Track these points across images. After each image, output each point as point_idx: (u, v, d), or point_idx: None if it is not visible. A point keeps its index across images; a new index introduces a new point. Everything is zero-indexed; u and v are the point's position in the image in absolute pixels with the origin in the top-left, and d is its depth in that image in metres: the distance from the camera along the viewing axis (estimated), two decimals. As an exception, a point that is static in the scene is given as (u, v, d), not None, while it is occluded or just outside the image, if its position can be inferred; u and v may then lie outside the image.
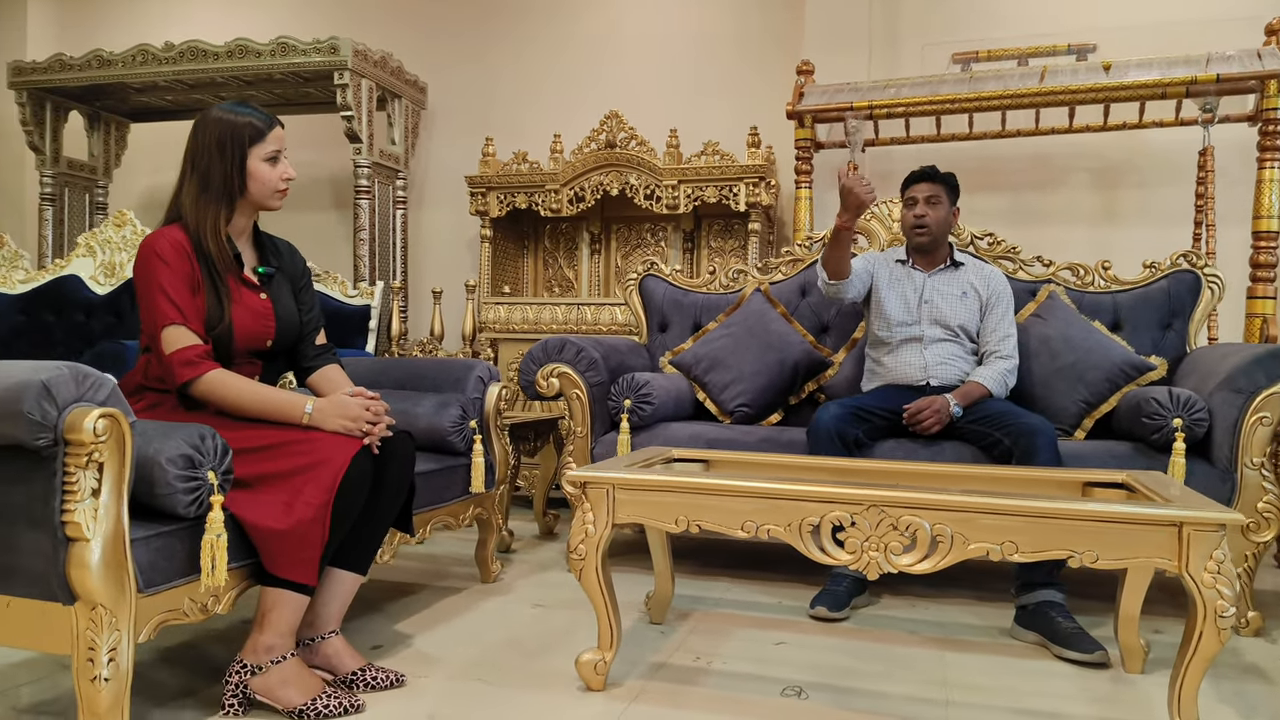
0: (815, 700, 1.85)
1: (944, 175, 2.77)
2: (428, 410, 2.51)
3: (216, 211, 1.90)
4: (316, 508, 1.73)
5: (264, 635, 1.73)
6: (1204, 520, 1.54)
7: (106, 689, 1.43)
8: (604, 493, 1.86)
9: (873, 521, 1.71)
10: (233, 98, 5.04)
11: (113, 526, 1.44)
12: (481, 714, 1.76)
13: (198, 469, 1.58)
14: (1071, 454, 2.47)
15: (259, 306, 1.97)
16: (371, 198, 4.58)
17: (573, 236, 4.95)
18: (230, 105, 1.95)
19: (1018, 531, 1.64)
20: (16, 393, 1.36)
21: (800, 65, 4.10)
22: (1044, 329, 2.85)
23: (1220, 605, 1.54)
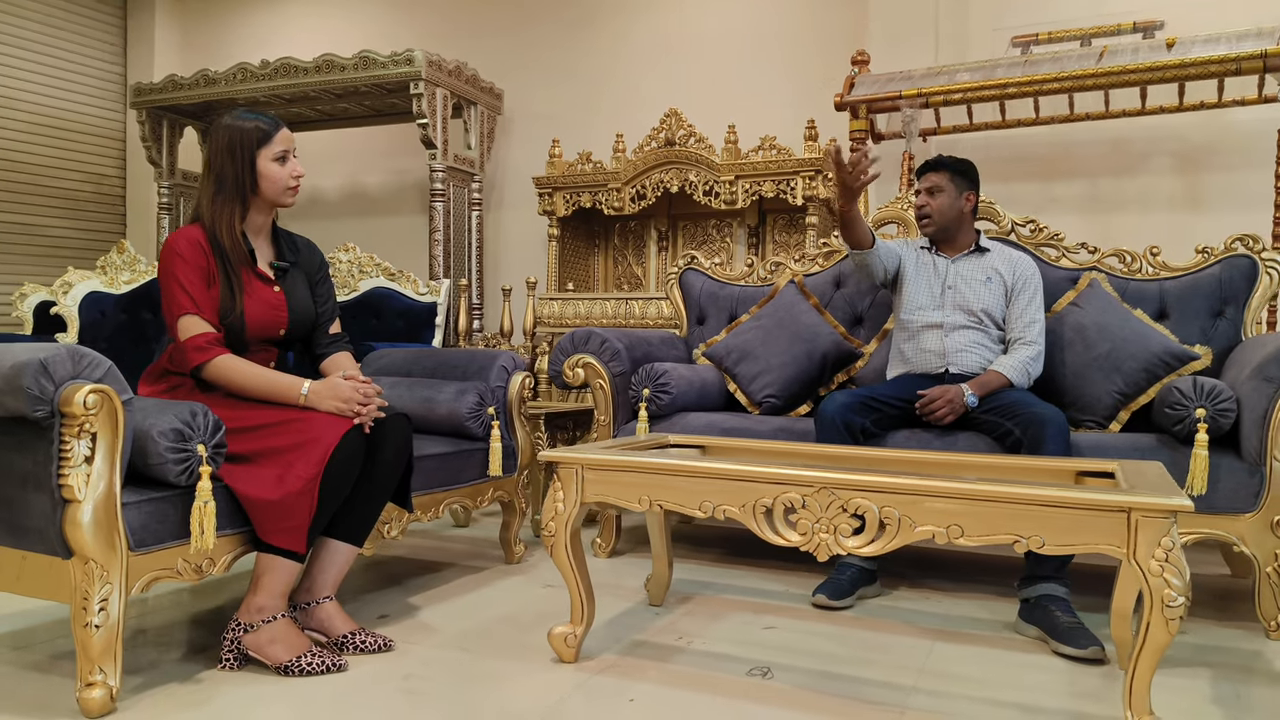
0: (778, 681, 1.88)
1: (951, 163, 2.73)
2: (448, 397, 2.64)
3: (230, 210, 2.08)
4: (305, 481, 1.87)
5: (257, 597, 1.89)
6: (1152, 506, 1.49)
7: (98, 635, 1.61)
8: (573, 473, 1.94)
9: (823, 503, 1.73)
10: (325, 110, 5.38)
11: (104, 490, 1.62)
12: (452, 678, 1.86)
13: (187, 442, 1.75)
14: (1092, 446, 2.38)
15: (272, 298, 2.14)
16: (446, 200, 4.80)
17: (640, 234, 5.04)
18: (241, 113, 2.13)
19: (963, 515, 1.63)
20: (19, 370, 1.55)
21: (855, 55, 4.06)
22: (1079, 317, 2.75)
23: (1168, 594, 1.48)
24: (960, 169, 2.73)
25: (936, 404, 2.49)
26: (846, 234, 2.67)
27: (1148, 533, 1.50)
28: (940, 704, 1.77)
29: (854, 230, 2.64)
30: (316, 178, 6.08)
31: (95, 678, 1.62)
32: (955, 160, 2.75)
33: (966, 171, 2.74)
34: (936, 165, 2.74)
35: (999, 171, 4.32)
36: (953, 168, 2.73)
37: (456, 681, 1.84)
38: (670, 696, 1.78)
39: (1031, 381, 2.62)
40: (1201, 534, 2.26)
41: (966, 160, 2.78)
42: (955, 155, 2.84)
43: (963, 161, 2.76)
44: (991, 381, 2.55)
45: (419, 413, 2.66)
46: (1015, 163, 4.31)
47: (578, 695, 1.78)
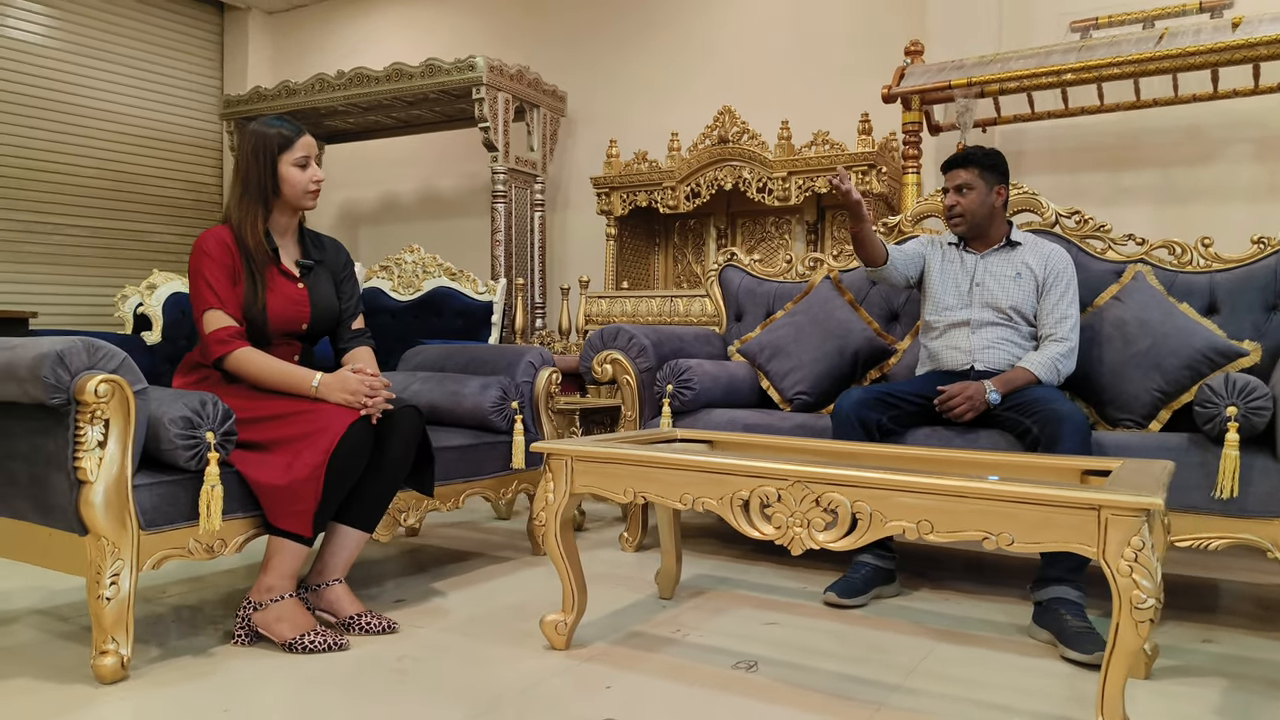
0: (762, 674, 1.88)
1: (980, 157, 2.64)
2: (473, 391, 2.72)
3: (254, 211, 2.20)
4: (312, 468, 1.97)
5: (266, 577, 2.00)
6: (1122, 504, 1.44)
7: (110, 607, 1.74)
8: (564, 464, 1.98)
9: (797, 497, 1.72)
10: (399, 117, 5.58)
11: (116, 472, 1.75)
12: (444, 660, 1.93)
13: (196, 429, 1.87)
14: (1118, 445, 2.29)
15: (295, 295, 2.25)
16: (507, 201, 4.92)
17: (699, 232, 5.05)
18: (267, 120, 2.25)
19: (933, 511, 1.60)
20: (39, 361, 1.70)
21: (909, 45, 3.98)
22: (1120, 312, 2.64)
23: (1137, 596, 1.43)
24: (989, 162, 2.64)
25: (955, 400, 2.43)
26: (859, 252, 2.65)
27: (1117, 531, 1.45)
28: (919, 703, 1.74)
29: (865, 248, 2.63)
30: (393, 182, 6.32)
31: (108, 647, 1.75)
32: (983, 153, 2.67)
33: (996, 164, 2.66)
34: (965, 161, 2.66)
35: (1066, 162, 4.17)
36: (981, 162, 2.64)
37: (447, 664, 1.91)
38: (647, 685, 1.81)
39: (1062, 379, 2.53)
40: (1232, 539, 2.15)
41: (995, 152, 2.69)
42: (984, 146, 2.76)
43: (991, 154, 2.67)
44: (1017, 378, 2.47)
45: (446, 406, 2.76)
46: (1083, 152, 4.14)
47: (556, 680, 1.82)
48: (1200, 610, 2.41)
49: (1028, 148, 4.25)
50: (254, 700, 1.71)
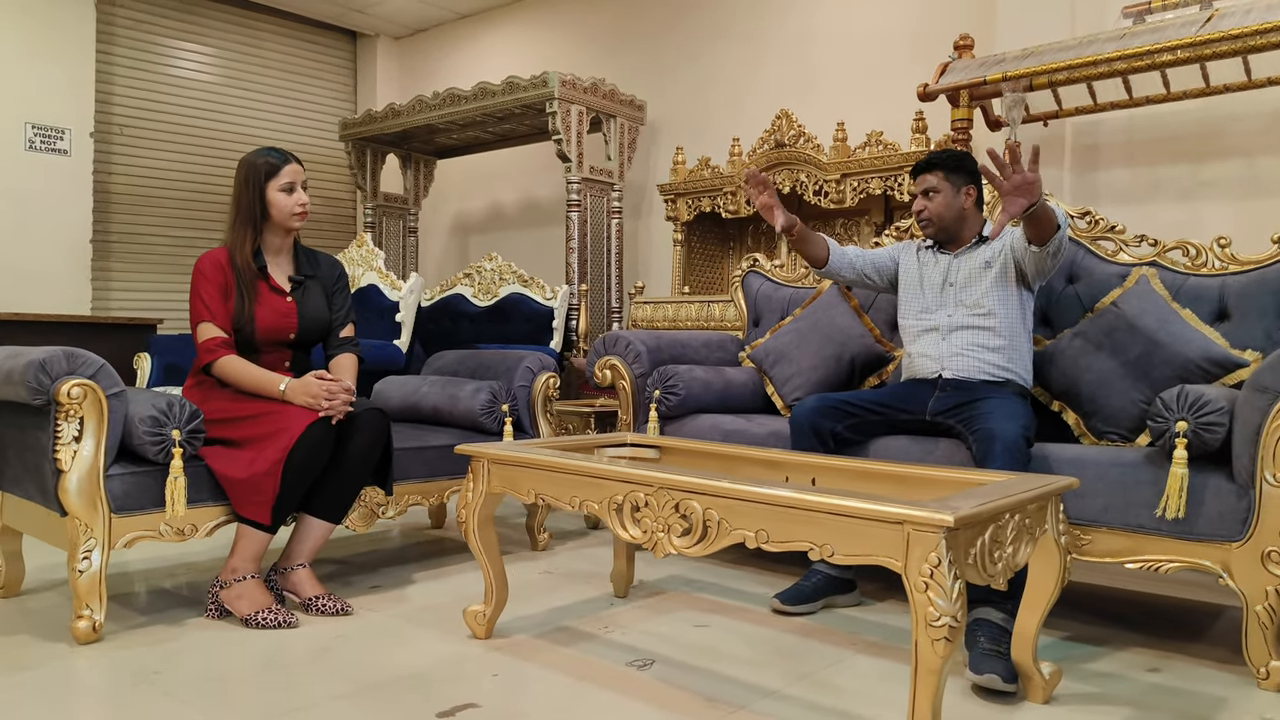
0: (650, 672, 1.94)
1: (945, 160, 2.56)
2: (466, 394, 2.91)
3: (244, 234, 2.47)
4: (271, 464, 2.22)
5: (232, 559, 2.26)
6: (922, 520, 1.43)
7: (83, 579, 2.04)
8: (482, 465, 2.13)
9: (660, 503, 1.79)
10: (496, 132, 5.89)
11: (89, 464, 2.05)
12: (372, 642, 2.12)
13: (163, 428, 2.14)
14: (1069, 460, 2.19)
15: (282, 308, 2.51)
16: (581, 210, 5.10)
17: (771, 234, 5.04)
18: (258, 150, 2.52)
19: (769, 521, 1.63)
20: (26, 367, 2.01)
21: (958, 40, 3.84)
22: (1113, 320, 2.49)
23: (929, 613, 1.41)
24: (954, 164, 2.57)
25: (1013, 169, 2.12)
26: (800, 250, 2.65)
27: (918, 547, 1.43)
28: (783, 709, 1.76)
29: (804, 249, 2.63)
30: (498, 193, 6.66)
31: (83, 612, 2.05)
32: (949, 156, 2.60)
33: (962, 165, 2.57)
34: (928, 165, 2.59)
35: (1143, 154, 3.90)
36: (947, 164, 2.57)
37: (372, 645, 2.10)
38: (531, 676, 1.92)
39: (1064, 230, 2.31)
40: (1182, 562, 2.00)
41: (961, 152, 2.63)
42: (952, 149, 2.67)
43: (956, 155, 2.60)
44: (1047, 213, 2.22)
45: (445, 408, 2.96)
46: (1161, 143, 3.85)
47: (451, 666, 1.97)
48: (1160, 636, 2.25)
49: (1102, 140, 4.00)
50: (183, 665, 1.95)
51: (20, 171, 5.52)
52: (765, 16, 5.14)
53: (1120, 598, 2.64)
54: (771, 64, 5.08)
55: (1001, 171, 2.15)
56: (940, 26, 4.40)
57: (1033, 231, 2.28)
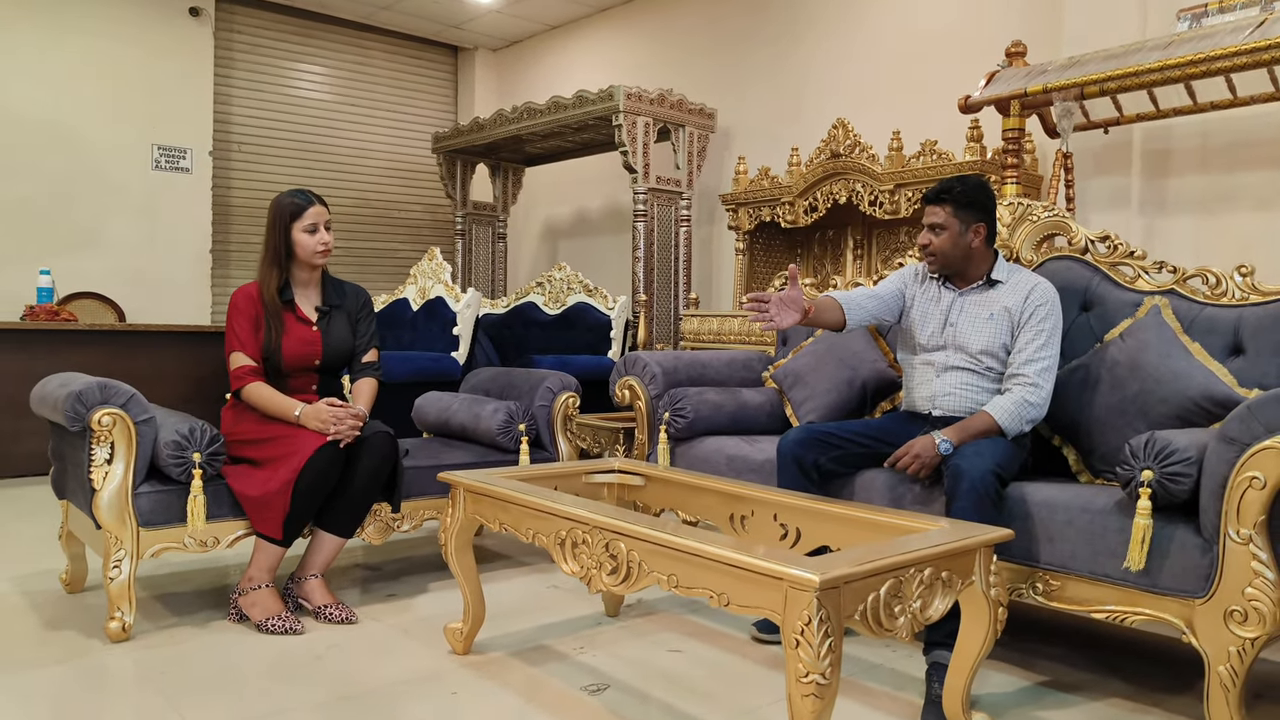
0: (603, 698, 2.04)
1: (957, 194, 2.44)
2: (487, 414, 3.07)
3: (271, 271, 2.70)
4: (281, 483, 2.43)
5: (250, 569, 2.49)
6: (797, 579, 1.46)
7: (114, 584, 2.31)
8: (459, 493, 2.27)
9: (595, 541, 1.88)
10: (576, 141, 6.04)
11: (119, 483, 2.31)
12: (362, 651, 2.30)
13: (184, 450, 2.39)
14: (1042, 502, 2.13)
15: (308, 336, 2.73)
16: (647, 220, 5.19)
17: (837, 243, 5.01)
18: (287, 192, 2.73)
19: (678, 567, 1.70)
20: (64, 399, 2.29)
21: (1010, 46, 3.71)
22: (1116, 353, 2.39)
23: (798, 668, 1.45)
24: (965, 199, 2.45)
25: (903, 460, 2.32)
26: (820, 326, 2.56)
27: (793, 604, 1.47)
28: (702, 746, 1.83)
29: (822, 324, 2.51)
30: (583, 199, 6.83)
31: (115, 614, 2.32)
32: (962, 190, 2.46)
33: (974, 201, 2.46)
34: (938, 198, 2.48)
35: (1219, 160, 3.67)
36: (958, 199, 2.45)
37: (357, 655, 2.28)
38: (491, 696, 2.05)
39: (1028, 427, 2.35)
40: (1146, 615, 1.93)
41: (978, 185, 2.49)
42: (967, 175, 2.55)
43: (973, 189, 2.47)
44: (975, 425, 2.32)
45: (469, 426, 3.13)
46: (1240, 148, 3.62)
47: (422, 681, 2.12)
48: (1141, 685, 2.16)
49: (1175, 145, 3.78)
50: (189, 666, 2.18)
51: (149, 189, 6.08)
52: (833, 25, 5.08)
53: (1114, 637, 2.54)
54: (836, 72, 5.02)
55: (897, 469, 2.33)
56: (1004, 32, 4.24)
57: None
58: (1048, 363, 2.36)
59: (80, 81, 5.80)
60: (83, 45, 5.79)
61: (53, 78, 5.70)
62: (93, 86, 5.85)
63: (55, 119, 5.72)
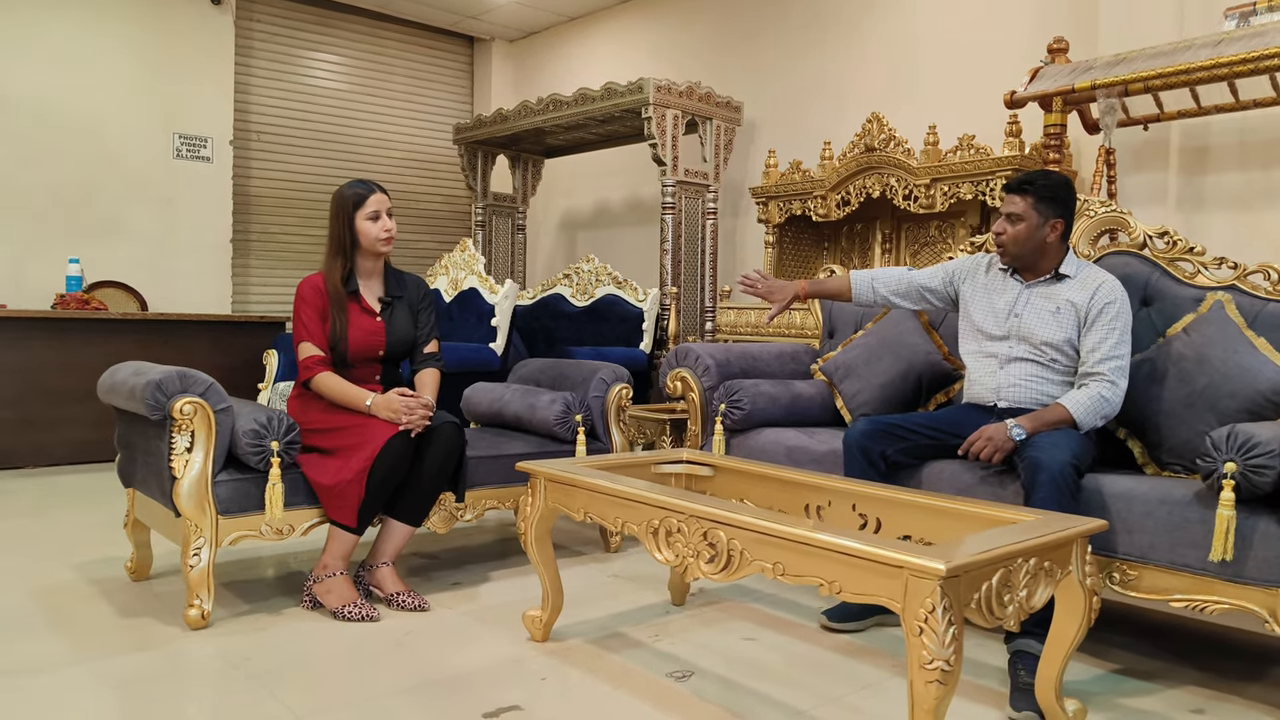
0: (689, 685, 2.07)
1: (1038, 188, 2.46)
2: (543, 404, 3.09)
3: (336, 262, 2.71)
4: (356, 472, 2.45)
5: (324, 556, 2.51)
6: (920, 567, 1.49)
7: (194, 572, 2.32)
8: (539, 482, 2.29)
9: (691, 530, 1.90)
10: (600, 133, 6.05)
11: (199, 471, 2.33)
12: (440, 638, 2.32)
13: (262, 439, 2.40)
14: (1121, 494, 2.17)
15: (372, 327, 2.74)
16: (675, 212, 5.21)
17: (865, 236, 5.04)
18: (348, 183, 2.74)
19: (785, 555, 1.72)
20: (144, 387, 2.30)
21: (1051, 43, 3.75)
22: (1182, 348, 2.43)
23: (922, 655, 1.48)
24: (1048, 193, 2.47)
25: (976, 445, 2.36)
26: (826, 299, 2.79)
27: (915, 592, 1.50)
28: (801, 731, 1.86)
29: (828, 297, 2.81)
30: (604, 191, 6.84)
31: (195, 602, 2.34)
32: (1045, 183, 2.48)
33: (1056, 196, 2.48)
34: (1020, 188, 2.51)
35: (1258, 156, 3.71)
36: (1040, 192, 2.47)
37: (437, 642, 2.30)
38: (578, 681, 2.07)
39: (1101, 423, 2.38)
40: (1230, 605, 1.98)
41: (1059, 181, 2.50)
42: (1051, 170, 2.59)
43: (1052, 183, 2.49)
44: (1048, 416, 2.36)
45: (525, 416, 3.15)
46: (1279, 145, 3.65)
47: (506, 667, 2.14)
48: (1216, 673, 2.21)
49: (1213, 141, 3.82)
50: (273, 653, 2.20)
51: (170, 179, 6.05)
52: (862, 19, 5.10)
53: (1186, 629, 2.59)
54: (867, 66, 5.04)
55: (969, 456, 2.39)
56: (1039, 28, 4.28)
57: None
58: (1123, 361, 2.40)
59: (103, 69, 5.77)
60: (105, 32, 5.76)
61: (76, 66, 5.66)
62: (115, 74, 5.82)
63: (78, 107, 5.68)
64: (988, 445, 2.31)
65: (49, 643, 2.25)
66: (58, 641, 2.26)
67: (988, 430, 2.35)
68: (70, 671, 2.07)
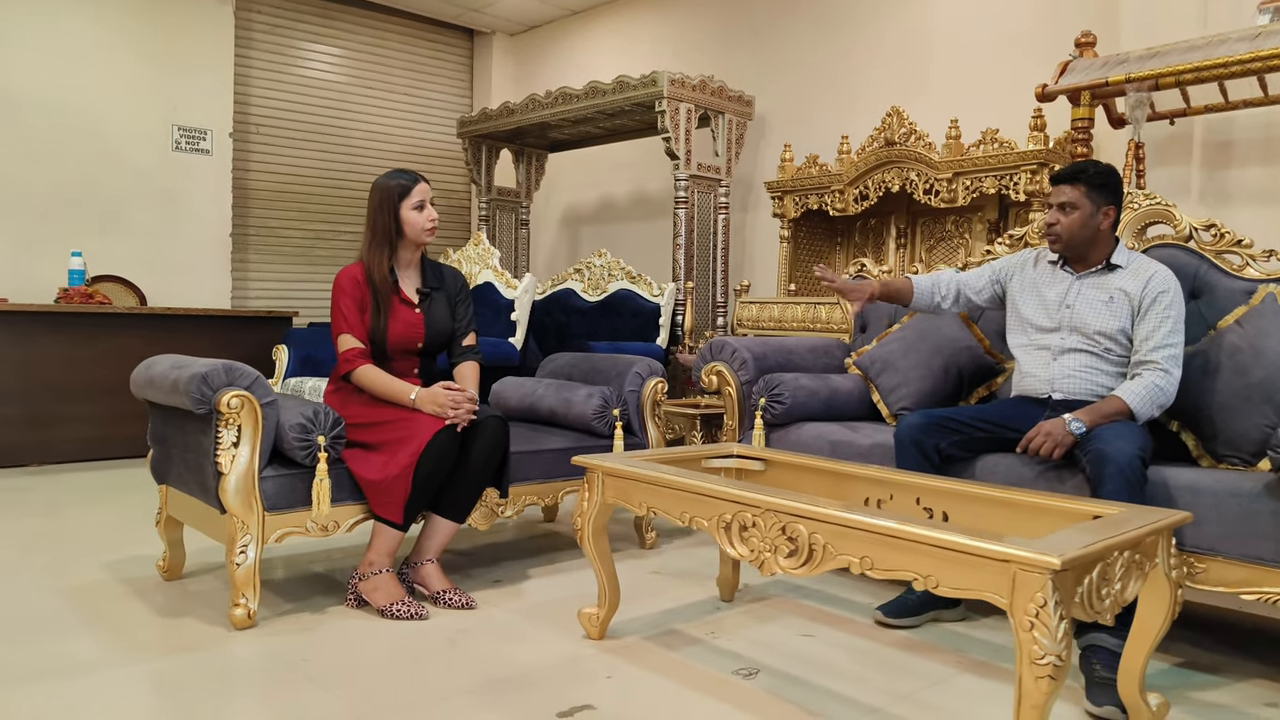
0: (754, 682, 2.03)
1: (1090, 175, 2.46)
2: (580, 399, 3.04)
3: (380, 253, 2.65)
4: (403, 467, 2.39)
5: (369, 554, 2.45)
6: (1030, 561, 1.47)
7: (240, 570, 2.26)
8: (597, 477, 2.25)
9: (767, 524, 1.87)
10: (607, 127, 6.00)
11: (245, 466, 2.26)
12: (492, 636, 2.28)
13: (309, 434, 2.34)
14: (1185, 486, 2.16)
15: (412, 319, 2.68)
16: (688, 207, 5.18)
17: (880, 232, 5.02)
18: (389, 173, 2.69)
19: (874, 548, 1.69)
20: (190, 379, 2.23)
21: (1079, 37, 3.74)
22: (1236, 339, 2.43)
23: (1034, 651, 1.45)
24: (1100, 181, 2.47)
25: (1036, 441, 2.33)
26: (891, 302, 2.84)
27: (1024, 587, 1.47)
28: (881, 728, 1.83)
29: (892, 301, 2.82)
30: (608, 186, 6.79)
31: (240, 601, 2.27)
32: (1096, 171, 2.48)
33: (1107, 183, 2.48)
34: (1072, 177, 2.50)
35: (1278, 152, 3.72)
36: (1091, 180, 2.46)
37: (491, 640, 2.25)
38: (644, 680, 2.03)
39: (1158, 413, 2.37)
40: (1302, 597, 1.97)
41: (1109, 169, 2.50)
42: (1097, 160, 2.59)
43: (1104, 172, 2.49)
44: (1106, 409, 2.34)
45: (560, 410, 3.10)
46: (1303, 141, 3.67)
47: (569, 665, 2.10)
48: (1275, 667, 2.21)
49: (1237, 136, 3.83)
50: (330, 653, 2.15)
51: (169, 171, 5.94)
52: (876, 13, 5.08)
53: (1243, 624, 2.59)
54: (881, 61, 5.03)
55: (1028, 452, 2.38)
56: (1059, 22, 4.28)
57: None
58: (1176, 350, 2.39)
59: (102, 62, 5.65)
60: (105, 25, 5.64)
61: (75, 59, 5.54)
62: (114, 67, 5.69)
63: (77, 101, 5.56)
64: (1047, 440, 2.29)
65: (89, 644, 2.18)
66: (98, 643, 2.19)
67: (1046, 426, 2.33)
68: (115, 673, 2.01)
